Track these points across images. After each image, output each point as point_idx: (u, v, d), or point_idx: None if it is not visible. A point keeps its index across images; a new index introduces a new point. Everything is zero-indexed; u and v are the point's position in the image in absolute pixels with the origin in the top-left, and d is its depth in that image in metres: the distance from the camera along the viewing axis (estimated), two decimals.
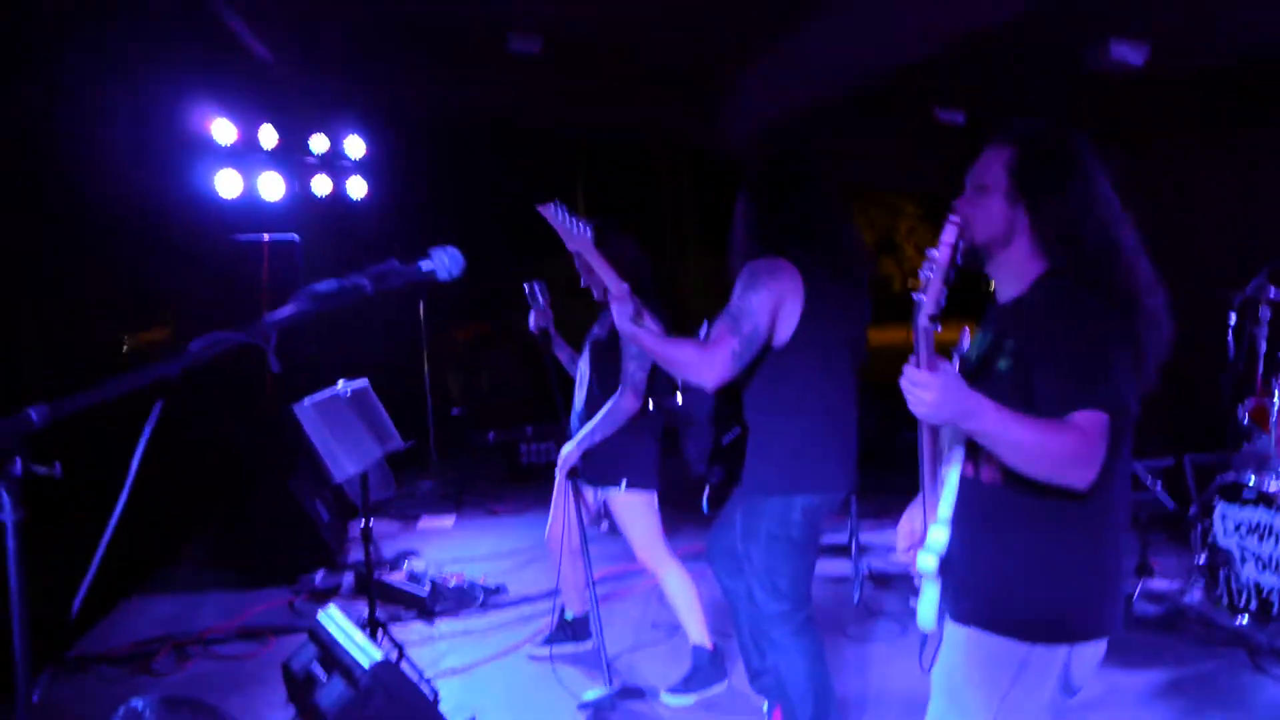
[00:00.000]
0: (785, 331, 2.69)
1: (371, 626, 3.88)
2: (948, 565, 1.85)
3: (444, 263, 1.91)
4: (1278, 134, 5.83)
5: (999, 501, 1.82)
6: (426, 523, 6.37)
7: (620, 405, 3.54)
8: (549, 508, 4.07)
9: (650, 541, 3.73)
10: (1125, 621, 3.73)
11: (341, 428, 3.69)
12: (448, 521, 6.42)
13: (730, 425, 3.04)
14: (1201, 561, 4.25)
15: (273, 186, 7.11)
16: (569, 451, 3.65)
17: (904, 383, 1.64)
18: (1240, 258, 4.90)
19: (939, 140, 8.10)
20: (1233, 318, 4.76)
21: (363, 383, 4.16)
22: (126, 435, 1.60)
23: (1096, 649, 1.84)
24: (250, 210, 6.97)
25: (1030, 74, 6.54)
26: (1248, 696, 3.54)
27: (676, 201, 12.61)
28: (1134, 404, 1.75)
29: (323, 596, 4.94)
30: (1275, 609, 3.89)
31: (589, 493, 3.79)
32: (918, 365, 1.62)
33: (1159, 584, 4.59)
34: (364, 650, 3.18)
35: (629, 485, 3.65)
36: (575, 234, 2.66)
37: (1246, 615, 4.02)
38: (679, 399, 3.12)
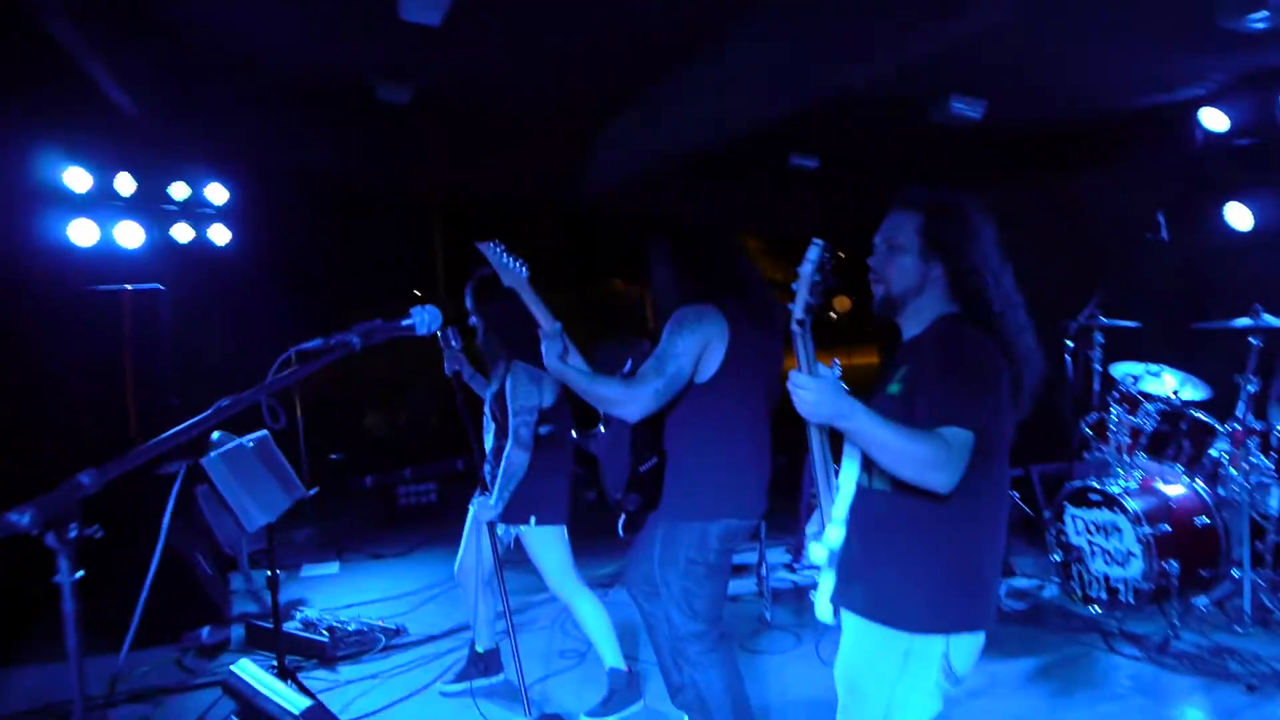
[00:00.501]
0: (708, 370, 2.90)
1: (281, 676, 3.81)
2: (842, 561, 2.15)
3: (424, 319, 2.05)
4: (1100, 179, 6.55)
5: (887, 506, 2.08)
6: (309, 570, 6.22)
7: (513, 461, 3.69)
8: (430, 549, 4.14)
9: (561, 574, 3.85)
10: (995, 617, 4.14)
11: (249, 478, 3.65)
12: (332, 568, 6.28)
13: (647, 455, 3.22)
14: (1057, 559, 4.71)
15: (131, 234, 6.88)
16: (485, 511, 3.77)
17: (790, 384, 1.90)
18: (1070, 291, 5.50)
19: (793, 184, 8.63)
20: (1068, 344, 5.32)
21: (263, 433, 4.10)
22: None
23: (973, 640, 2.10)
24: (108, 259, 6.71)
25: (880, 125, 7.11)
26: (1108, 675, 3.96)
27: (535, 249, 12.82)
28: (1003, 427, 2.04)
29: (212, 652, 4.77)
30: (1122, 596, 4.38)
31: (501, 529, 3.88)
32: (801, 369, 1.90)
33: (1020, 582, 5.04)
34: (287, 699, 3.14)
35: (539, 522, 3.77)
36: (511, 271, 2.81)
37: (1098, 605, 4.49)
38: (601, 429, 3.27)
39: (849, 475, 2.20)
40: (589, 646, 4.49)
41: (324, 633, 4.68)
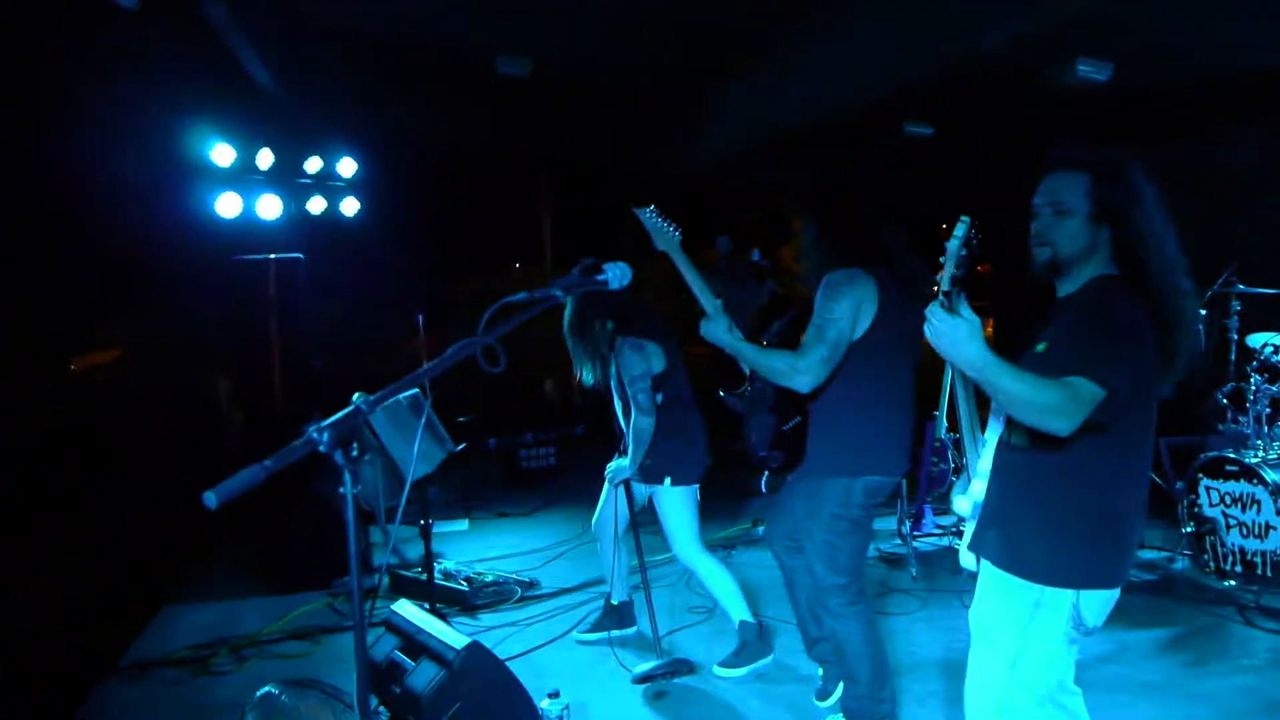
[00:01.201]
0: (858, 331, 2.99)
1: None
2: (982, 511, 2.24)
3: (616, 274, 2.18)
4: (1235, 141, 6.32)
5: (1024, 461, 2.13)
6: (440, 527, 6.53)
7: (640, 426, 3.86)
8: (553, 510, 4.32)
9: (687, 536, 4.00)
10: (1123, 589, 4.16)
11: (408, 431, 3.90)
12: (462, 525, 6.59)
13: (791, 414, 3.33)
14: (1188, 531, 4.66)
15: (270, 207, 7.26)
16: (620, 469, 3.96)
17: (929, 316, 1.93)
18: (1205, 257, 5.34)
19: (907, 153, 8.54)
20: (1202, 312, 5.20)
21: (413, 391, 4.36)
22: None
23: (1105, 595, 2.13)
24: (250, 230, 7.11)
25: (999, 90, 6.98)
26: (1244, 646, 3.93)
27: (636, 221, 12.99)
28: (1144, 392, 2.03)
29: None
30: (1259, 570, 4.31)
31: (637, 489, 4.06)
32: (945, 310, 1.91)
33: (1149, 554, 4.99)
34: (448, 635, 3.39)
35: (674, 482, 3.94)
36: (666, 234, 2.94)
37: (1232, 578, 4.43)
38: (747, 389, 3.39)
39: (994, 431, 2.26)
40: (715, 603, 4.66)
41: (463, 582, 4.95)
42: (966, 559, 2.33)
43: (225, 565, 5.71)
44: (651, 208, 2.92)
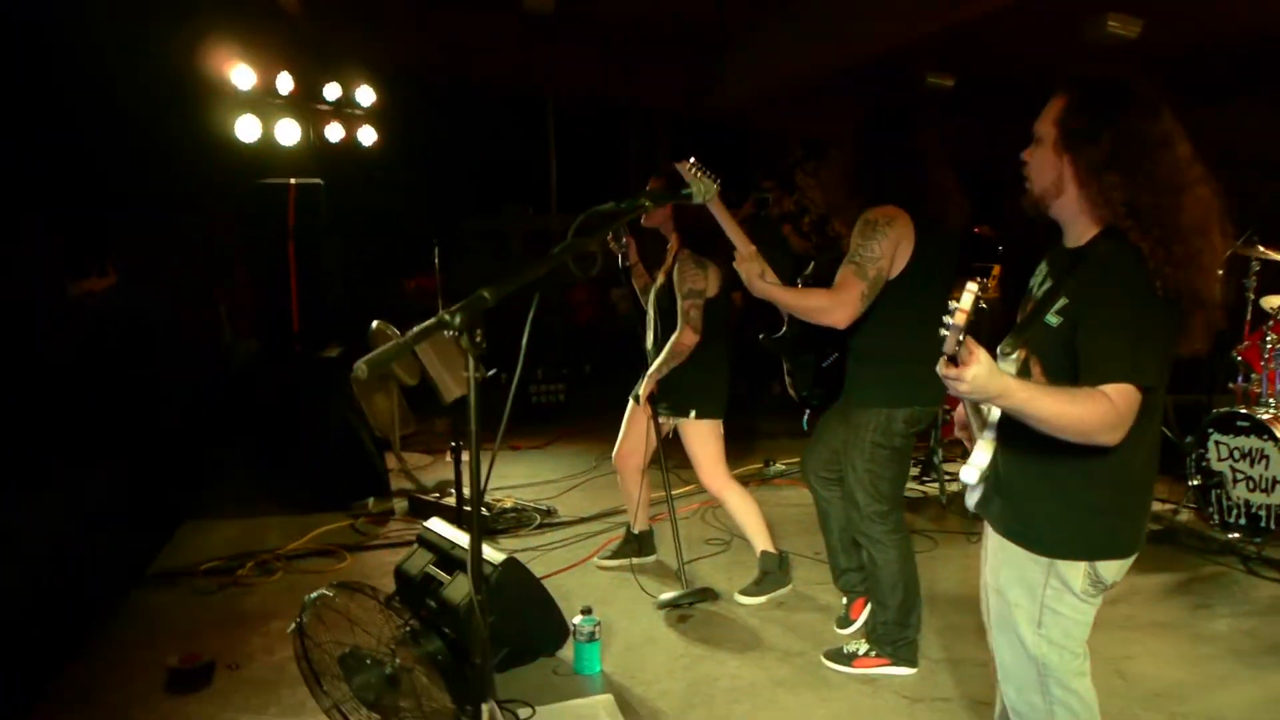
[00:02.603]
0: (896, 267, 3.04)
1: None
2: (991, 474, 2.08)
3: (701, 190, 2.21)
4: (1260, 104, 6.34)
5: (1037, 432, 1.93)
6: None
7: (681, 341, 3.89)
8: (563, 444, 4.36)
9: (714, 466, 4.08)
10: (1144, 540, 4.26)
11: (446, 356, 3.95)
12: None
13: (829, 351, 3.40)
14: (1195, 484, 4.78)
15: (289, 132, 7.20)
16: (644, 387, 4.00)
17: (940, 373, 1.73)
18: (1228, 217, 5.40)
19: (928, 103, 8.51)
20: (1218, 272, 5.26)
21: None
22: None
23: (1127, 561, 2.04)
24: (268, 155, 7.06)
25: (1025, 42, 6.96)
26: (1248, 593, 4.06)
27: (646, 164, 12.95)
28: (1166, 375, 1.84)
29: (379, 520, 5.19)
30: (1263, 522, 4.43)
31: (663, 419, 4.13)
32: (951, 361, 1.70)
33: (1154, 505, 5.11)
34: (486, 551, 3.48)
35: (698, 415, 4.00)
36: (706, 186, 2.98)
37: (1236, 530, 4.56)
38: (785, 332, 3.45)
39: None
40: (732, 536, 4.79)
41: (482, 508, 5.04)
42: (973, 500, 2.17)
43: (244, 485, 5.79)
44: (692, 160, 2.94)
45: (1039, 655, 2.05)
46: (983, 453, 2.08)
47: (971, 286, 1.69)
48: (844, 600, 3.74)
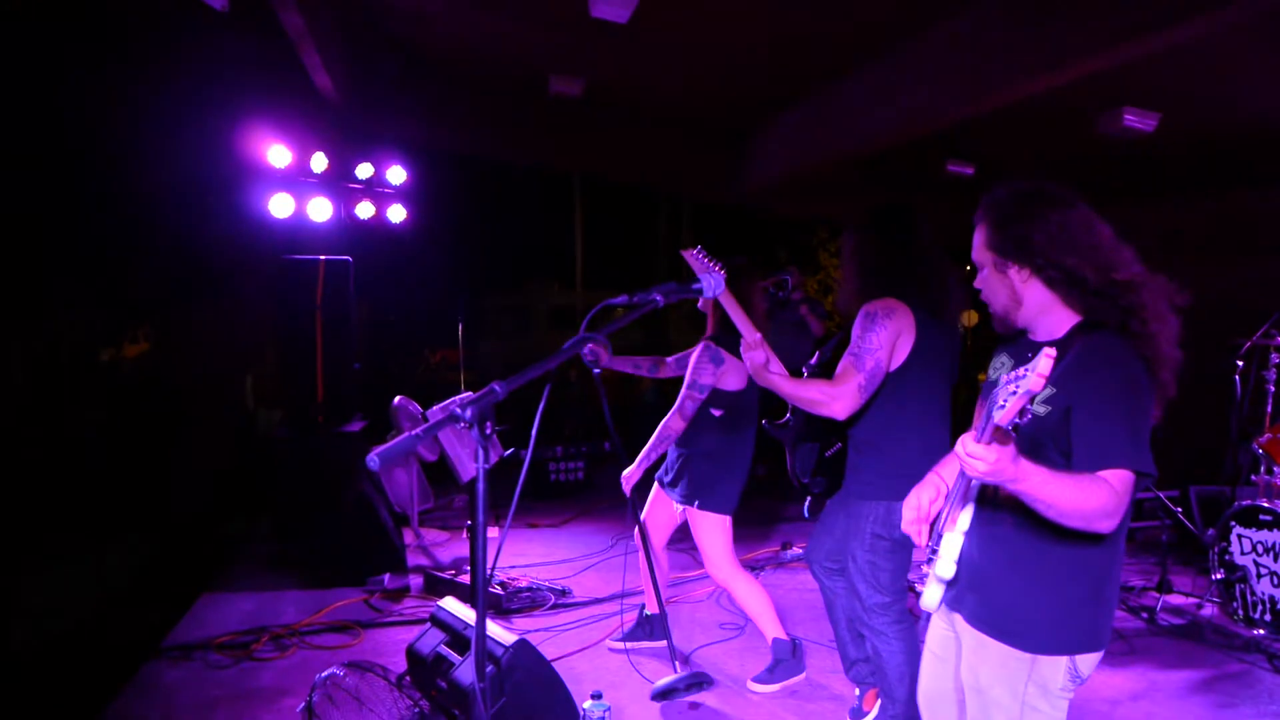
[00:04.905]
0: (896, 361, 3.08)
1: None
2: (962, 571, 2.11)
3: (710, 283, 2.29)
4: (1273, 194, 6.40)
5: (1015, 523, 2.01)
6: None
7: (669, 425, 3.94)
8: (581, 522, 4.36)
9: (719, 558, 4.06)
10: (1151, 632, 4.17)
11: (462, 434, 4.01)
12: (493, 532, 6.68)
13: (832, 440, 3.42)
14: (1218, 578, 4.70)
15: (321, 209, 7.42)
16: (629, 470, 4.03)
17: (960, 450, 1.73)
18: (1244, 308, 5.43)
19: (948, 190, 8.64)
20: (1238, 364, 5.27)
21: (465, 395, 4.48)
22: None
23: (1098, 653, 2.05)
24: (300, 232, 7.27)
25: (1043, 133, 7.09)
26: (1274, 693, 3.96)
27: (672, 243, 13.19)
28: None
29: (394, 596, 5.19)
30: None
31: (675, 506, 4.15)
32: (977, 439, 1.72)
33: (1177, 599, 5.03)
34: (496, 633, 3.48)
35: (701, 507, 4.01)
36: (713, 276, 3.05)
37: (1262, 626, 4.47)
38: (789, 418, 3.49)
39: (955, 481, 2.14)
40: (747, 621, 4.74)
41: (497, 587, 5.04)
42: (928, 601, 2.20)
43: (261, 558, 5.83)
44: (699, 248, 3.02)
45: None
46: (954, 546, 2.09)
47: (1049, 352, 1.62)
48: (856, 691, 3.70)
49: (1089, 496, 1.79)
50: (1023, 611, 2.01)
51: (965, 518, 2.08)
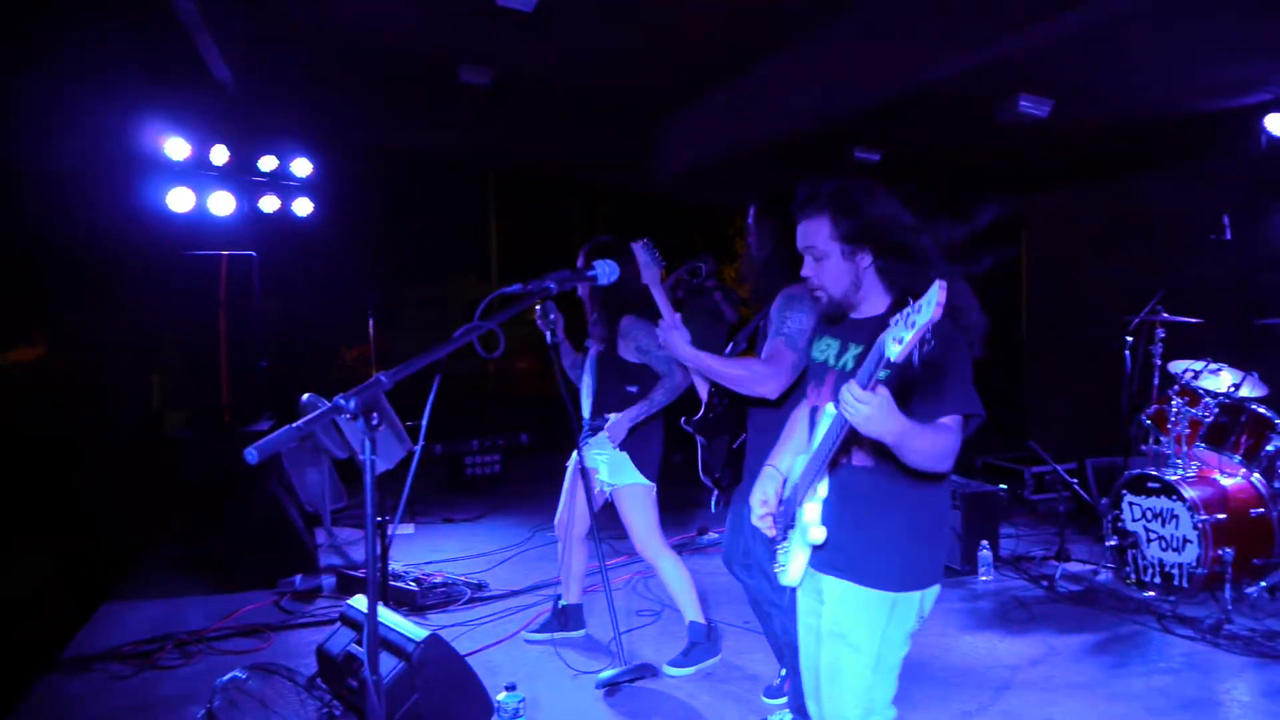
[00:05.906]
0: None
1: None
2: (829, 530, 2.24)
3: (604, 271, 2.31)
4: (1165, 181, 6.68)
5: (869, 481, 2.22)
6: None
7: (676, 384, 3.96)
8: (498, 516, 4.36)
9: (648, 532, 4.10)
10: (1050, 599, 4.30)
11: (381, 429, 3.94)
12: (409, 528, 6.61)
13: (739, 432, 3.45)
14: (1112, 545, 4.91)
15: (223, 203, 7.21)
16: (617, 421, 4.01)
17: (847, 396, 1.89)
18: (1131, 288, 5.67)
19: (856, 176, 8.78)
20: (1128, 340, 5.50)
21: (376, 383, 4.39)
22: None
23: (938, 590, 2.32)
24: (201, 227, 7.05)
25: (945, 121, 7.26)
26: (1162, 651, 4.16)
27: (588, 233, 13.16)
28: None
29: (306, 597, 5.09)
30: (1176, 581, 4.57)
31: (598, 485, 4.15)
32: (863, 385, 1.88)
33: (1075, 567, 5.24)
34: (407, 629, 3.44)
35: (626, 480, 4.03)
36: (653, 268, 3.06)
37: (1152, 589, 4.69)
38: (710, 415, 3.50)
39: (812, 456, 2.25)
40: (663, 607, 4.79)
41: (412, 583, 4.99)
42: (791, 577, 2.36)
43: (167, 563, 5.66)
44: (646, 240, 3.02)
45: (869, 698, 2.25)
46: (816, 513, 2.24)
47: (941, 282, 1.67)
48: (782, 671, 3.73)
49: (941, 438, 2.05)
50: (885, 555, 2.23)
51: (823, 486, 2.24)
